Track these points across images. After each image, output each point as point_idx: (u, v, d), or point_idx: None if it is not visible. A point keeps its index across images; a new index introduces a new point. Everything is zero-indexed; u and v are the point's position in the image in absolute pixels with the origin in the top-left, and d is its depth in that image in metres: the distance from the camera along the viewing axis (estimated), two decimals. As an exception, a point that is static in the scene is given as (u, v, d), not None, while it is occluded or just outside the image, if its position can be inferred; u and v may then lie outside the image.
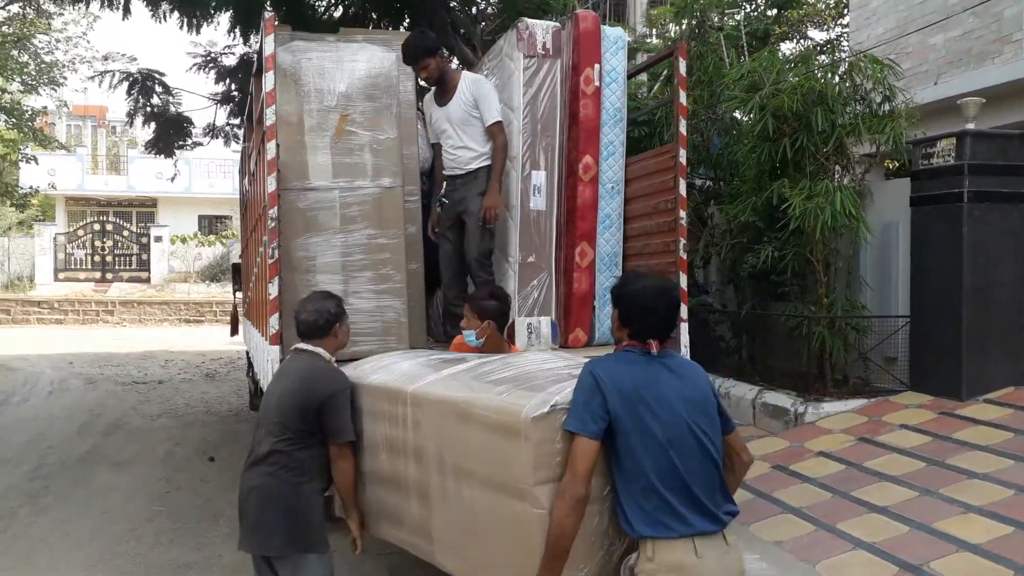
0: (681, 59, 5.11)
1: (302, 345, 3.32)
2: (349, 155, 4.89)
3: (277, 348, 4.16)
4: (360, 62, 5.00)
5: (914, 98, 8.34)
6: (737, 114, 9.38)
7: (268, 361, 4.25)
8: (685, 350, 4.66)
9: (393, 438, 3.13)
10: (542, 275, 5.09)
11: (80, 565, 4.93)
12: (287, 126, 4.85)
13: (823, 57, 13.01)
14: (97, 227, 27.92)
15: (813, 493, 5.94)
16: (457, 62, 8.93)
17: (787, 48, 17.14)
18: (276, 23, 4.75)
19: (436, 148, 5.18)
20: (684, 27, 10.79)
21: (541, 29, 5.11)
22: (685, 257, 4.96)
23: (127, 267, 27.82)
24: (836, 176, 8.09)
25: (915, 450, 6.40)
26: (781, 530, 5.41)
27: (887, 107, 8.24)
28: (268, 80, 4.32)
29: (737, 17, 12.65)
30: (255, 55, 5.76)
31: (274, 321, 4.14)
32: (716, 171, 10.68)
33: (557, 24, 5.23)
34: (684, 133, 5.02)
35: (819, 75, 8.04)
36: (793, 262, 8.20)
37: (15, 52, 16.49)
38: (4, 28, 15.97)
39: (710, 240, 9.80)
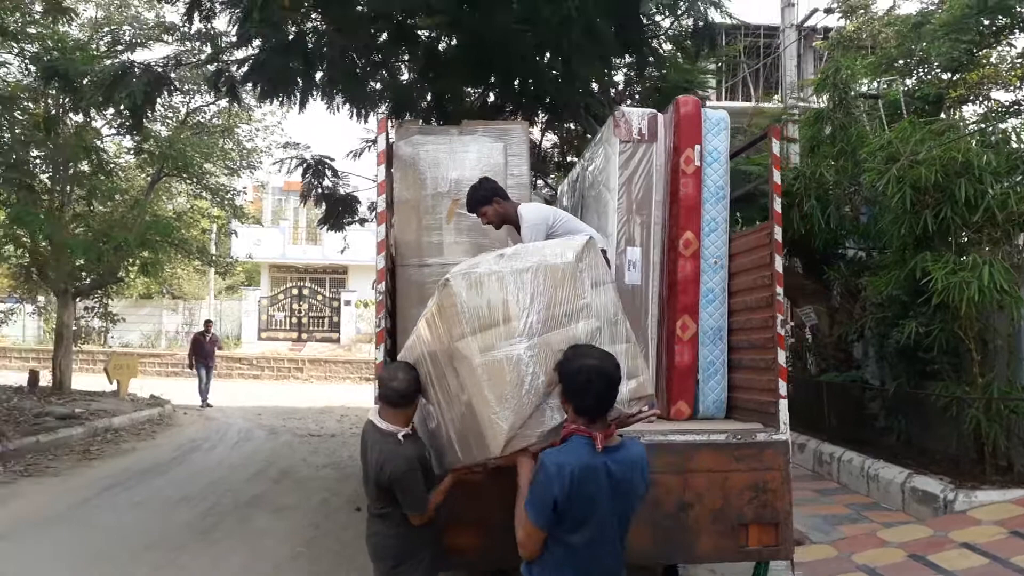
0: (775, 140, 5.20)
1: (383, 425, 3.59)
2: (459, 235, 5.39)
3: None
4: (471, 152, 5.55)
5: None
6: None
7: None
8: (785, 427, 4.64)
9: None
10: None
11: (225, 596, 5.60)
12: (405, 210, 5.46)
13: (1000, 123, 12.29)
14: (295, 292, 30.73)
15: (943, 586, 5.59)
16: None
17: (968, 112, 16.24)
18: (394, 121, 5.38)
19: None
20: (826, 99, 10.64)
21: (637, 116, 5.42)
22: (783, 333, 4.96)
23: (320, 328, 30.30)
24: (984, 248, 7.64)
25: (1068, 547, 5.85)
26: (896, 622, 5.15)
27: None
28: (381, 172, 4.92)
29: (895, 84, 12.27)
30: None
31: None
32: (867, 242, 10.36)
33: (652, 111, 5.51)
34: (779, 211, 5.08)
35: (968, 145, 7.70)
36: (940, 338, 7.80)
37: (221, 141, 19.00)
38: (214, 120, 18.55)
39: (861, 314, 9.46)
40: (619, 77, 11.81)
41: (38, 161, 14.67)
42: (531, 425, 3.13)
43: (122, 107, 9.45)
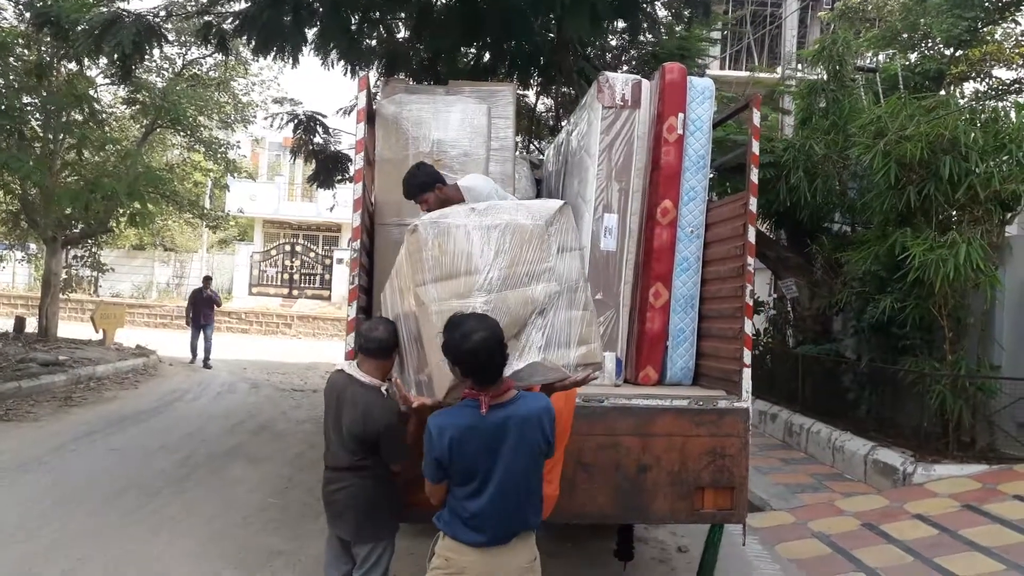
0: (755, 110, 5.21)
1: (364, 378, 3.64)
2: (438, 195, 5.39)
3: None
4: (454, 113, 5.52)
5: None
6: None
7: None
8: (747, 395, 4.72)
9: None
10: (609, 312, 5.33)
11: (193, 542, 5.70)
12: (387, 169, 5.45)
13: (992, 101, 12.28)
14: (288, 248, 30.73)
15: (894, 555, 5.77)
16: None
17: (969, 88, 16.18)
18: (384, 79, 5.34)
19: None
20: (822, 71, 10.60)
21: (621, 82, 5.41)
22: (751, 303, 5.02)
23: (311, 285, 30.35)
24: (966, 227, 7.69)
25: (1021, 523, 6.04)
26: (847, 588, 5.30)
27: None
28: (359, 130, 4.91)
29: (896, 59, 12.22)
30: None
31: (350, 340, 4.67)
32: (852, 217, 10.40)
33: (637, 77, 5.50)
34: (755, 181, 5.11)
35: (956, 123, 7.71)
36: (914, 315, 7.90)
37: (216, 94, 18.83)
38: (211, 73, 18.38)
39: (841, 288, 9.54)
40: (614, 42, 11.74)
41: (30, 108, 14.54)
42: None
43: (114, 56, 9.33)
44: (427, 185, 4.66)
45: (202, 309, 16.43)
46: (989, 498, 6.53)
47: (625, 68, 11.38)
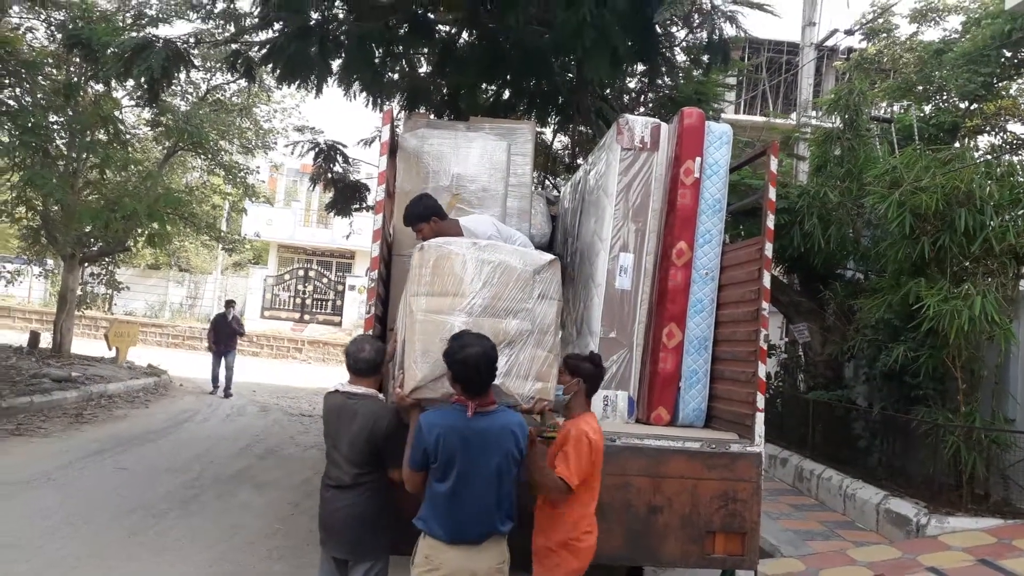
0: (773, 157, 5.28)
1: (359, 390, 3.83)
2: (456, 229, 5.46)
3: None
4: (474, 149, 5.62)
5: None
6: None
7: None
8: (759, 439, 4.72)
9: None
10: (622, 351, 5.36)
11: (197, 565, 5.70)
12: (406, 200, 5.51)
13: (1008, 156, 12.33)
14: (301, 273, 30.89)
15: (905, 608, 5.65)
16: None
17: (983, 142, 16.24)
18: (406, 112, 5.45)
19: None
20: (838, 120, 10.69)
21: (640, 124, 5.49)
22: (765, 347, 5.03)
23: (323, 311, 30.44)
24: (980, 279, 7.70)
25: (1034, 580, 5.92)
26: (854, 640, 5.22)
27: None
28: (382, 163, 5.00)
29: (911, 110, 12.31)
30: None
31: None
32: (865, 264, 10.41)
33: (656, 120, 5.58)
34: (771, 227, 5.15)
35: (971, 176, 7.74)
36: (927, 364, 7.87)
37: (239, 120, 19.12)
38: (234, 99, 18.68)
39: (853, 334, 9.51)
40: (633, 84, 11.89)
41: (55, 127, 14.81)
42: (440, 384, 3.62)
43: (142, 80, 9.53)
44: (423, 216, 4.83)
45: (225, 335, 15.53)
46: (1004, 553, 6.44)
47: (642, 110, 11.50)
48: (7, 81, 13.40)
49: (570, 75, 9.67)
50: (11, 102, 13.58)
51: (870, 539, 7.50)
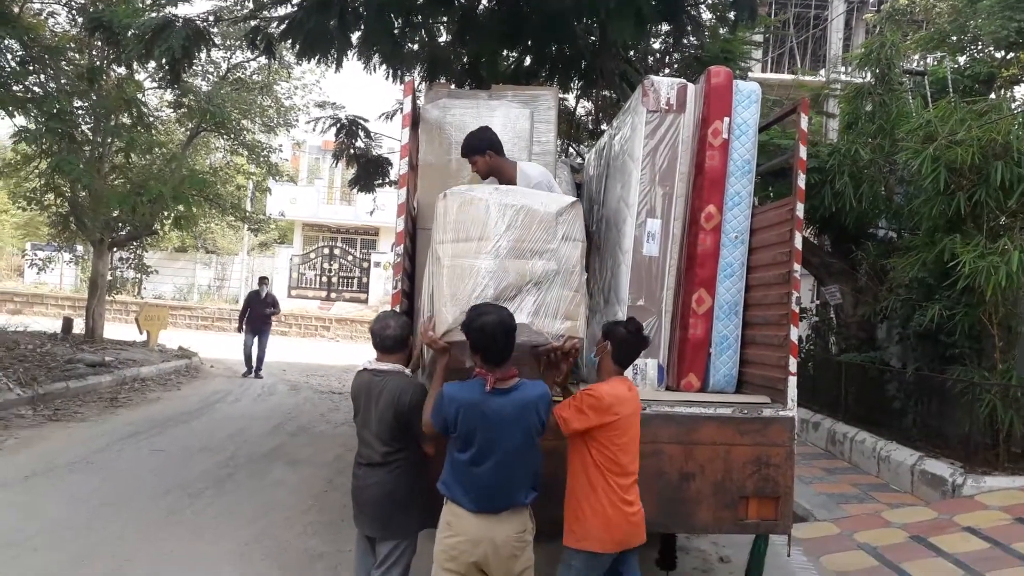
0: (803, 115, 5.13)
1: (385, 366, 3.84)
2: (480, 200, 5.39)
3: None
4: (497, 117, 5.51)
5: None
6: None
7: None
8: (792, 403, 4.64)
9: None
10: (651, 319, 5.27)
11: (237, 543, 5.77)
12: (429, 173, 5.47)
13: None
14: (326, 251, 31.04)
15: (944, 569, 5.65)
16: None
17: (1020, 92, 15.79)
18: (427, 83, 5.37)
19: None
20: (869, 75, 10.42)
21: (666, 85, 5.35)
22: (797, 310, 4.94)
23: (349, 288, 30.62)
24: (1017, 233, 7.51)
25: (1076, 538, 5.83)
26: (894, 602, 5.18)
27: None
28: (405, 135, 4.94)
29: (944, 61, 11.97)
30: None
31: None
32: (898, 223, 10.21)
33: (682, 81, 5.44)
34: (802, 187, 5.03)
35: (1009, 127, 7.52)
36: (963, 323, 7.72)
37: (260, 98, 19.12)
38: (254, 77, 18.66)
39: (886, 295, 9.35)
40: (657, 45, 11.65)
41: (80, 112, 14.91)
42: None
43: (163, 60, 9.51)
44: (479, 149, 4.85)
45: (259, 313, 14.90)
46: (1042, 512, 6.35)
47: (667, 71, 11.29)
48: (32, 68, 13.48)
49: (593, 38, 9.47)
50: (36, 88, 13.67)
51: (905, 501, 7.43)
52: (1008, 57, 13.55)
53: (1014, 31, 12.46)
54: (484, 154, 4.82)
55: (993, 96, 11.94)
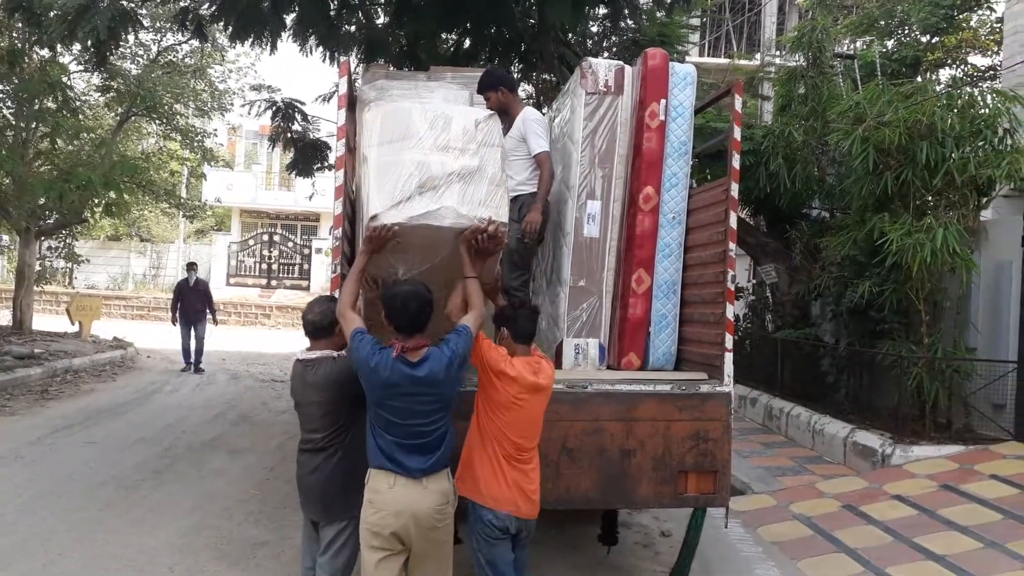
0: (738, 96, 5.21)
1: (315, 355, 3.81)
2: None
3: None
4: (436, 99, 5.41)
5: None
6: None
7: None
8: (728, 379, 4.75)
9: None
10: (592, 299, 5.34)
11: (175, 534, 5.65)
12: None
13: (976, 87, 12.40)
14: (265, 238, 30.45)
15: (875, 536, 5.84)
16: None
17: (945, 76, 16.34)
18: (363, 66, 5.30)
19: None
20: (801, 58, 10.65)
21: (604, 68, 5.38)
22: (733, 288, 5.04)
23: (290, 276, 30.14)
24: (942, 211, 7.79)
25: (997, 502, 6.14)
26: (827, 568, 5.40)
27: (1009, 142, 7.89)
28: (341, 117, 4.87)
29: (873, 45, 12.30)
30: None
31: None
32: (831, 203, 10.48)
33: (620, 63, 5.48)
34: (737, 167, 5.12)
35: (933, 108, 7.77)
36: (891, 299, 7.98)
37: (193, 82, 18.59)
38: (186, 60, 18.13)
39: (819, 273, 9.61)
40: (595, 28, 11.70)
41: (1, 96, 14.29)
42: (403, 209, 3.69)
43: (88, 42, 9.16)
44: (491, 85, 5.11)
45: (191, 303, 13.95)
46: (966, 478, 6.63)
47: (606, 55, 11.31)
48: (-54, 51, 12.87)
49: (532, 20, 9.47)
50: (-48, 73, 13.07)
51: (838, 472, 7.68)
52: (933, 42, 14.02)
53: (941, 17, 12.90)
54: (497, 90, 5.06)
55: (919, 79, 12.32)
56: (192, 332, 14.05)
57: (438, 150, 3.91)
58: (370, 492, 3.45)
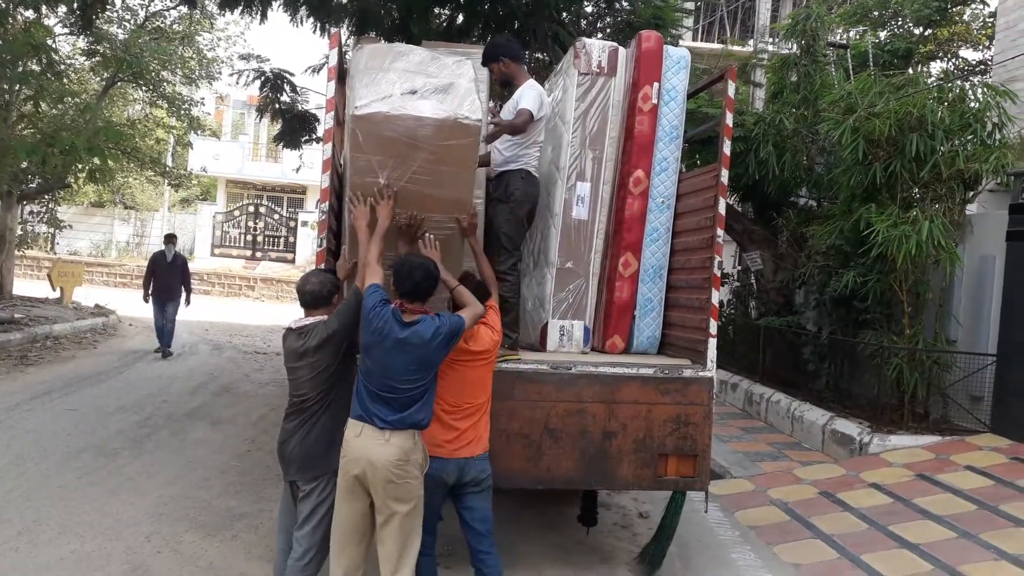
0: (731, 82, 5.20)
1: (308, 321, 3.84)
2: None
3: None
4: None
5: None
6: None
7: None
8: (711, 364, 4.77)
9: None
10: (578, 281, 5.33)
11: (153, 503, 5.64)
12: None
13: (966, 81, 12.43)
14: (251, 209, 30.22)
15: (850, 523, 5.91)
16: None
17: (936, 68, 16.36)
18: (354, 39, 5.22)
19: None
20: (795, 46, 10.63)
21: (598, 48, 5.34)
22: (719, 274, 5.05)
23: (275, 247, 29.96)
24: (928, 204, 7.83)
25: (971, 492, 6.22)
26: (803, 553, 5.45)
27: (998, 136, 7.92)
28: (330, 89, 4.81)
29: (866, 36, 12.28)
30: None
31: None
32: (819, 192, 10.50)
33: (614, 44, 5.44)
34: (727, 153, 5.11)
35: (924, 101, 7.78)
36: (875, 289, 8.03)
37: (181, 49, 18.32)
38: (174, 26, 17.85)
39: (805, 261, 9.65)
40: (590, 8, 11.60)
41: (-17, 57, 14.01)
42: (382, 103, 3.87)
43: (73, 5, 8.99)
44: (492, 56, 5.01)
45: (166, 280, 12.26)
46: (942, 468, 6.72)
47: (600, 36, 11.25)
48: (-72, 9, 12.57)
49: (526, -1, 9.37)
50: (-67, 31, 12.78)
51: (816, 458, 7.76)
52: (926, 34, 14.02)
53: (934, 9, 12.89)
54: (498, 61, 4.96)
55: (911, 71, 12.34)
56: (164, 313, 12.40)
57: (419, 74, 4.18)
58: (344, 441, 3.64)
